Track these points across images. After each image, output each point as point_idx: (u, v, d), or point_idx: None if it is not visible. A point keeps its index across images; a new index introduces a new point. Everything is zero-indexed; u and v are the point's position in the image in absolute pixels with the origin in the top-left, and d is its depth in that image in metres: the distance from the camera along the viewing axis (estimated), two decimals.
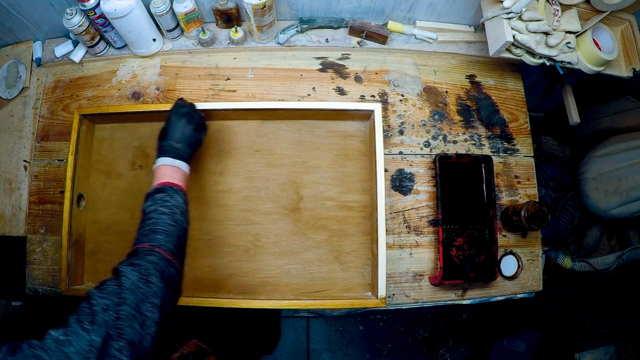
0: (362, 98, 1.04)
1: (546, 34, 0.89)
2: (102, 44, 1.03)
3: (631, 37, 0.97)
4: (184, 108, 0.86)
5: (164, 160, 0.78)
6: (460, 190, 0.99)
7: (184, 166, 0.80)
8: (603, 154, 1.51)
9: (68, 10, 0.92)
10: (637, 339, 1.51)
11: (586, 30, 0.92)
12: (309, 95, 1.03)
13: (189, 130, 0.83)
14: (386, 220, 0.92)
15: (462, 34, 1.08)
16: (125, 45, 1.05)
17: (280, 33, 1.03)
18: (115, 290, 0.55)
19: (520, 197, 1.02)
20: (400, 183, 1.00)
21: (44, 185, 1.02)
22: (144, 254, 0.63)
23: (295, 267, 0.95)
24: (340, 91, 1.04)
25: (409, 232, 0.98)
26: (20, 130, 1.05)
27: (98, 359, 0.48)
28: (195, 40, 1.05)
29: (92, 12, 0.90)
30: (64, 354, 0.47)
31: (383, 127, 0.97)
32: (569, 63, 0.93)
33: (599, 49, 0.94)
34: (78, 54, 1.05)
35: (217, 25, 1.06)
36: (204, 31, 1.01)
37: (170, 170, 0.78)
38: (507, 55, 0.92)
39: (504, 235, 1.00)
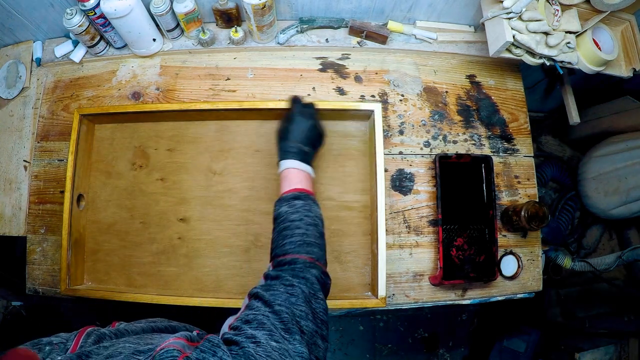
0: (362, 98, 1.04)
1: (546, 34, 0.89)
2: (102, 44, 1.03)
3: (631, 37, 0.97)
4: (309, 108, 0.80)
5: (293, 164, 0.74)
6: (460, 190, 0.99)
7: (311, 171, 0.75)
8: (603, 154, 1.51)
9: (68, 10, 0.92)
10: (637, 339, 1.51)
11: (586, 30, 0.92)
12: (309, 95, 1.03)
13: (316, 134, 0.78)
14: (386, 220, 0.92)
15: (462, 34, 1.08)
16: (125, 45, 1.05)
17: (280, 33, 1.03)
18: (293, 302, 0.53)
19: (520, 197, 1.02)
20: (400, 183, 1.00)
21: (44, 185, 1.02)
22: (306, 266, 0.60)
23: None
24: (340, 91, 1.04)
25: (409, 232, 0.98)
26: (20, 130, 1.05)
27: None
28: (195, 40, 1.05)
29: (92, 12, 0.90)
30: (285, 350, 0.46)
31: (383, 127, 0.97)
32: (569, 63, 0.93)
33: (599, 49, 0.94)
34: (78, 54, 1.05)
35: (217, 25, 1.06)
36: (204, 31, 1.01)
37: (302, 175, 0.73)
38: (507, 55, 0.92)
39: (504, 235, 1.00)
